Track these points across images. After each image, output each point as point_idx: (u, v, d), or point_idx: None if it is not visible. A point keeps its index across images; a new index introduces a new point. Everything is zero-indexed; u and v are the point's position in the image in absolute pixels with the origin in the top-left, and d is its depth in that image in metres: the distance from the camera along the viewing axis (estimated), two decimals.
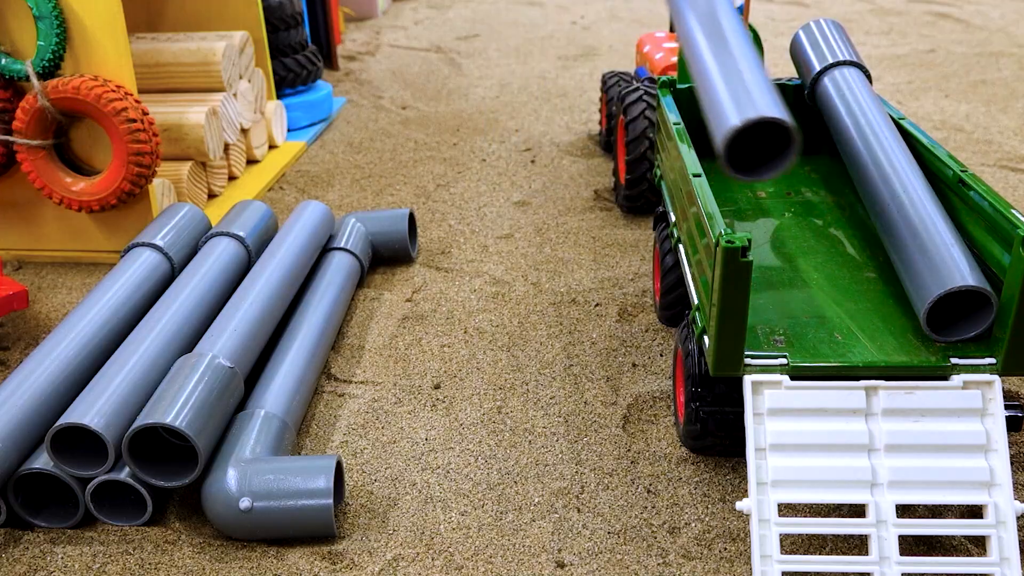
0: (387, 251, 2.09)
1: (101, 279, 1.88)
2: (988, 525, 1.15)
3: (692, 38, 1.43)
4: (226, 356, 1.44)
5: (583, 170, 2.63)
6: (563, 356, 1.73)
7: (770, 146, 1.25)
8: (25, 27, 1.94)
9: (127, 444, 1.27)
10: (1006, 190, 2.42)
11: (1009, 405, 1.26)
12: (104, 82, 1.92)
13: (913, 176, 1.40)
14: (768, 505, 1.16)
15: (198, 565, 1.27)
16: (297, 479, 1.28)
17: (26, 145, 1.96)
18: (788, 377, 1.21)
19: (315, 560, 1.27)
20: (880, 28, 4.23)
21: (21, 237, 2.19)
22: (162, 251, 1.80)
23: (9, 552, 1.30)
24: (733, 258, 1.13)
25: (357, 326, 1.86)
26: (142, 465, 1.29)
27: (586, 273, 2.04)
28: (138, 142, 1.93)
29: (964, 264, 1.23)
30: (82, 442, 1.33)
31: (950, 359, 1.22)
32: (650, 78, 2.41)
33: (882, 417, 1.19)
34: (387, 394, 1.64)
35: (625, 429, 1.52)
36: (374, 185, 2.58)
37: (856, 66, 1.71)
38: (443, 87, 3.49)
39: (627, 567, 1.24)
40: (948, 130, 2.88)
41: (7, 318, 1.91)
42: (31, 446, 1.36)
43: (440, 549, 1.28)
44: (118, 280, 1.69)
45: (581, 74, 3.61)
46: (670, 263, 1.67)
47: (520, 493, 1.38)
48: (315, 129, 3.03)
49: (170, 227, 1.87)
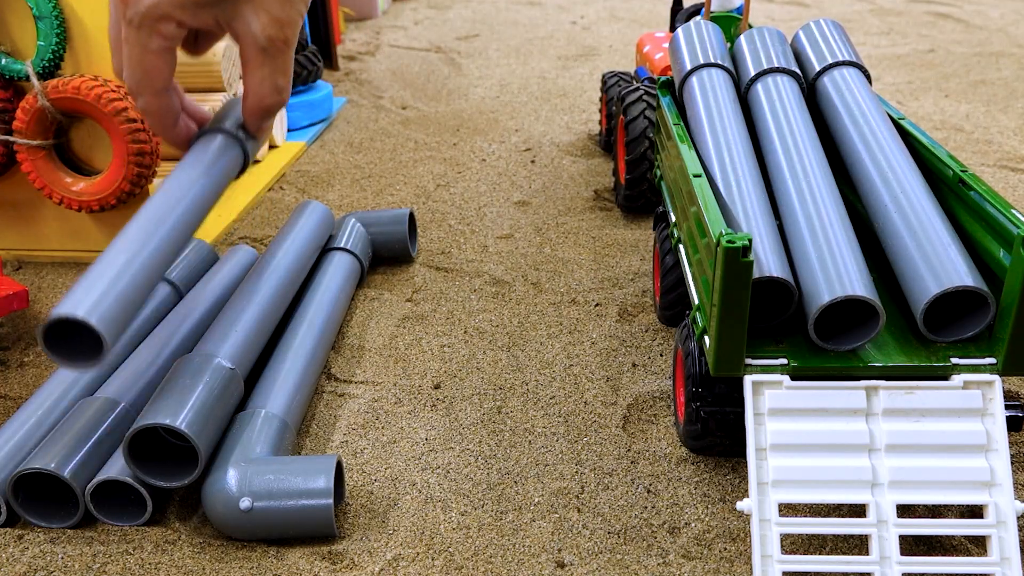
0: (387, 251, 2.09)
1: None
2: (988, 525, 1.15)
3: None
4: (226, 356, 1.44)
5: (583, 170, 2.63)
6: (563, 356, 1.73)
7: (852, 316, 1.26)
8: (25, 27, 1.94)
9: (127, 444, 1.27)
10: (1006, 190, 2.42)
11: (1009, 405, 1.26)
12: (104, 82, 1.92)
13: (912, 176, 1.40)
14: (768, 505, 1.16)
15: (198, 565, 1.27)
16: (297, 479, 1.28)
17: (26, 145, 1.96)
18: (789, 377, 1.21)
19: (315, 560, 1.27)
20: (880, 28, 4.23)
21: (21, 237, 2.19)
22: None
23: (9, 552, 1.30)
24: (734, 258, 1.13)
25: (357, 326, 1.86)
26: (142, 465, 1.29)
27: (586, 273, 2.04)
28: (138, 142, 1.93)
29: (962, 264, 1.23)
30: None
31: (950, 359, 1.22)
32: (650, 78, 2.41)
33: (882, 417, 1.19)
34: (387, 394, 1.64)
35: (625, 429, 1.52)
36: (374, 185, 2.58)
37: (856, 66, 1.71)
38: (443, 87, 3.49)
39: (627, 567, 1.24)
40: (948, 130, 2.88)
41: (7, 318, 1.91)
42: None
43: (440, 549, 1.28)
44: None
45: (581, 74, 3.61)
46: (670, 263, 1.67)
47: (520, 493, 1.38)
48: (315, 129, 3.03)
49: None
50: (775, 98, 1.63)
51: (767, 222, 1.35)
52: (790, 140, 1.51)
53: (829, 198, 1.37)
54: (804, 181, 1.41)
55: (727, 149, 1.50)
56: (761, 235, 1.31)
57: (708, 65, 1.74)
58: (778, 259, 1.27)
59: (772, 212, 1.40)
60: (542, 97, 3.33)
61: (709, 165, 1.50)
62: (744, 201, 1.38)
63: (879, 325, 1.20)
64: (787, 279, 1.24)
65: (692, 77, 1.74)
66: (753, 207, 1.37)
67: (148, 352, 1.55)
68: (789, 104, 1.61)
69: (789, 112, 1.58)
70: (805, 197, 1.38)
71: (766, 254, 1.27)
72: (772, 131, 1.56)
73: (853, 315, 1.24)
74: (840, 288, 1.19)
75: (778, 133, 1.55)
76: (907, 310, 1.33)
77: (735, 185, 1.42)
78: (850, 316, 1.25)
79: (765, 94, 1.66)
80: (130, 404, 1.44)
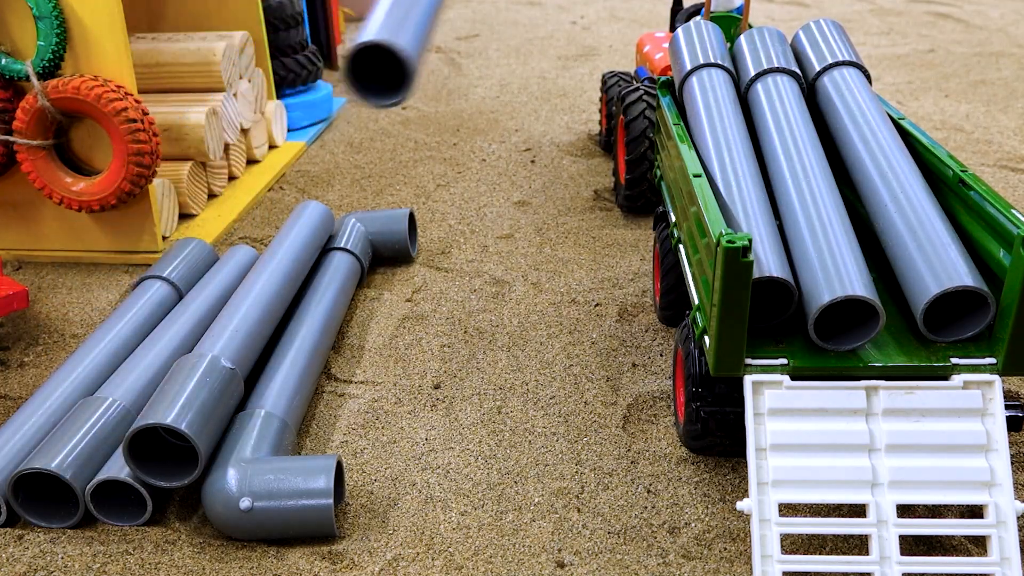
0: (387, 251, 2.08)
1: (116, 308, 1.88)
2: (988, 525, 1.15)
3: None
4: (226, 356, 1.43)
5: (583, 170, 2.63)
6: (563, 356, 1.73)
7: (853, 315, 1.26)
8: (25, 27, 1.94)
9: (127, 444, 1.27)
10: (1006, 190, 2.42)
11: (1009, 405, 1.26)
12: (104, 82, 1.92)
13: (911, 176, 1.40)
14: (769, 505, 1.16)
15: (198, 565, 1.27)
16: (297, 479, 1.28)
17: (26, 145, 1.96)
18: (789, 377, 1.21)
19: (315, 560, 1.27)
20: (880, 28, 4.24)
21: (21, 237, 2.19)
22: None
23: (9, 552, 1.30)
24: (734, 258, 1.13)
25: (357, 326, 1.86)
26: (142, 465, 1.29)
27: (586, 273, 2.04)
28: (138, 142, 1.93)
29: (962, 264, 1.23)
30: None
31: (950, 359, 1.22)
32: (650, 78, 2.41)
33: (882, 417, 1.19)
34: (387, 394, 1.64)
35: (625, 429, 1.52)
36: (374, 185, 2.58)
37: (856, 66, 1.71)
38: (443, 87, 3.49)
39: (627, 567, 1.24)
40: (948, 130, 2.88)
41: (7, 318, 1.91)
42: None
43: (440, 549, 1.28)
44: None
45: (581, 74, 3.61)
46: (670, 263, 1.67)
47: (520, 493, 1.38)
48: (315, 129, 3.03)
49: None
50: (775, 98, 1.63)
51: (767, 222, 1.35)
52: (790, 140, 1.51)
53: (829, 198, 1.37)
54: (804, 181, 1.41)
55: (727, 149, 1.50)
56: (761, 235, 1.31)
57: (708, 65, 1.74)
58: (778, 259, 1.27)
59: (772, 212, 1.40)
60: (542, 97, 3.33)
61: (709, 165, 1.50)
62: (744, 201, 1.38)
63: (879, 325, 1.20)
64: (787, 279, 1.24)
65: (692, 77, 1.74)
66: (753, 207, 1.37)
67: (148, 352, 1.55)
68: (789, 104, 1.61)
69: (789, 112, 1.58)
70: (805, 197, 1.38)
71: (766, 254, 1.27)
72: (772, 131, 1.56)
73: (853, 315, 1.24)
74: (840, 288, 1.19)
75: (778, 133, 1.55)
76: (907, 310, 1.33)
77: (735, 185, 1.42)
78: (850, 316, 1.25)
79: (765, 94, 1.66)
80: (130, 404, 1.44)
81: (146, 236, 2.13)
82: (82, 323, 1.90)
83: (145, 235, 2.13)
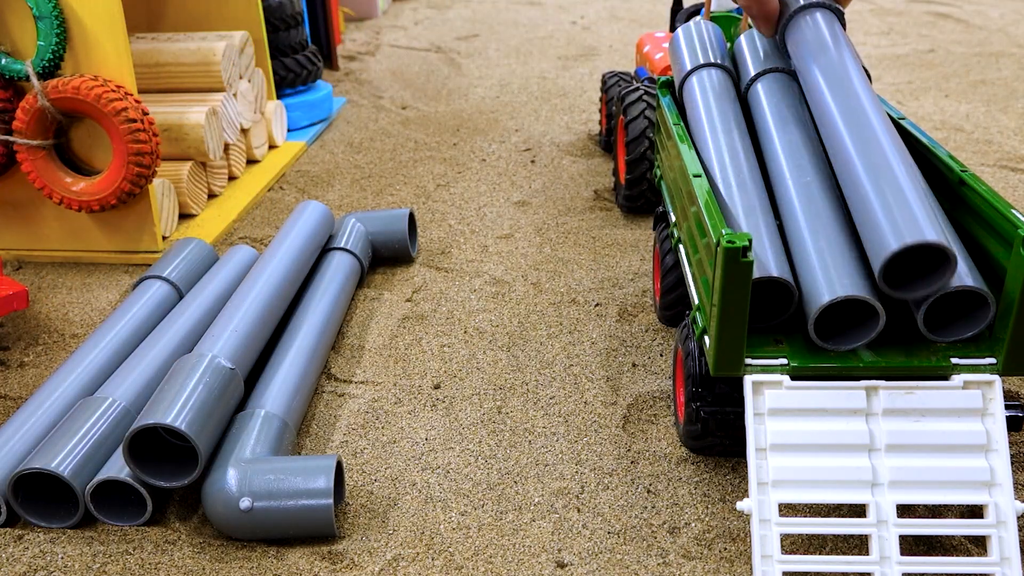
0: (387, 251, 2.09)
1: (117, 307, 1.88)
2: (988, 525, 1.15)
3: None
4: (226, 356, 1.44)
5: (583, 170, 2.63)
6: (563, 356, 1.73)
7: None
8: (25, 27, 1.94)
9: (127, 444, 1.27)
10: (1006, 190, 2.42)
11: (1009, 405, 1.26)
12: (104, 82, 1.92)
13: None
14: (769, 505, 1.16)
15: (198, 565, 1.27)
16: (297, 479, 1.28)
17: (26, 145, 1.96)
18: (789, 377, 1.21)
19: (315, 560, 1.27)
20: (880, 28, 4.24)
21: (21, 237, 2.19)
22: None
23: (9, 552, 1.30)
24: (734, 258, 1.13)
25: (357, 326, 1.86)
26: (142, 465, 1.29)
27: (586, 273, 2.04)
28: (138, 142, 1.93)
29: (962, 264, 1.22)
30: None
31: (950, 359, 1.22)
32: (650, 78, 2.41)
33: (882, 417, 1.19)
34: (387, 394, 1.64)
35: (625, 429, 1.52)
36: (374, 185, 2.58)
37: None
38: (443, 87, 3.49)
39: (627, 567, 1.24)
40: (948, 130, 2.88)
41: (7, 318, 1.91)
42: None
43: (440, 549, 1.28)
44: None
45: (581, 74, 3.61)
46: (670, 263, 1.67)
47: (520, 493, 1.38)
48: (315, 129, 3.03)
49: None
50: (775, 98, 1.63)
51: (767, 222, 1.35)
52: (790, 140, 1.51)
53: (829, 198, 1.37)
54: (804, 181, 1.41)
55: (727, 149, 1.50)
56: (761, 235, 1.31)
57: (708, 65, 1.74)
58: (778, 259, 1.27)
59: (772, 212, 1.40)
60: (542, 97, 3.33)
61: (709, 165, 1.50)
62: (744, 201, 1.38)
63: (879, 325, 1.20)
64: (787, 279, 1.24)
65: (692, 77, 1.74)
66: (753, 207, 1.37)
67: (148, 352, 1.55)
68: (789, 104, 1.60)
69: (789, 112, 1.58)
70: (805, 197, 1.38)
71: (766, 254, 1.27)
72: (772, 131, 1.56)
73: (853, 315, 1.24)
74: (840, 288, 1.19)
75: (778, 133, 1.54)
76: (907, 310, 1.33)
77: (735, 185, 1.42)
78: (850, 316, 1.24)
79: (765, 94, 1.65)
80: (130, 404, 1.44)
81: (146, 236, 2.13)
82: (82, 323, 1.90)
83: (145, 235, 2.13)
